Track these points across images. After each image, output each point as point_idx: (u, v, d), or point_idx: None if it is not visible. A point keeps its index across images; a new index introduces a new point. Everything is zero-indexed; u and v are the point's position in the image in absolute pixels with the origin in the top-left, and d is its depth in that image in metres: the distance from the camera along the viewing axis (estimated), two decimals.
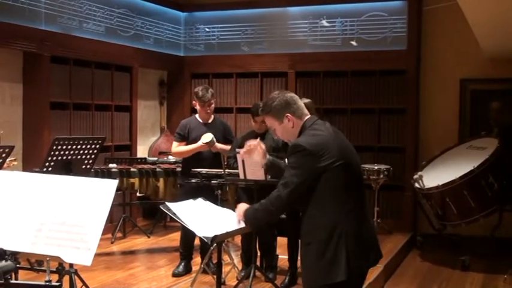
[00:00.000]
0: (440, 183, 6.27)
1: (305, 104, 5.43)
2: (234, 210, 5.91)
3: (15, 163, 5.15)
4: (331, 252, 2.85)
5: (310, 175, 2.87)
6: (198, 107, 5.63)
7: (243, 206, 3.17)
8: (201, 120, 5.68)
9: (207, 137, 5.44)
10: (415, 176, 6.60)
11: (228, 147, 5.59)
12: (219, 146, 5.53)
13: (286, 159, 3.10)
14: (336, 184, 2.88)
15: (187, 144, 5.62)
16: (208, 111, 5.62)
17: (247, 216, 3.10)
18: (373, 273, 5.55)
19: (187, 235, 5.46)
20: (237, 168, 5.16)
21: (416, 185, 6.57)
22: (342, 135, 3.08)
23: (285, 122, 3.04)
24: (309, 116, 3.09)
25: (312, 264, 2.93)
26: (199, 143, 5.47)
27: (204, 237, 3.28)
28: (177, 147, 5.67)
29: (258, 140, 3.43)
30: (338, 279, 2.84)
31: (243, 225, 3.20)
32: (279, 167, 3.36)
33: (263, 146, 3.40)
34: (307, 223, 2.95)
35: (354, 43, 7.97)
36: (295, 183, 2.88)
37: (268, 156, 3.40)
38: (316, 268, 2.90)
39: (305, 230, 2.97)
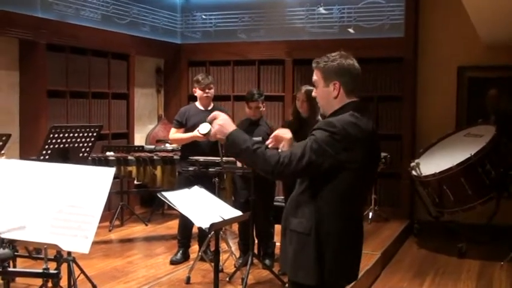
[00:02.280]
0: (438, 171, 6.28)
1: (308, 90, 5.47)
2: (231, 198, 5.94)
3: (4, 157, 5.13)
4: (310, 252, 2.61)
5: (326, 160, 2.53)
6: (198, 93, 5.64)
7: (230, 124, 2.71)
8: (201, 107, 5.67)
9: (205, 127, 5.40)
10: (412, 164, 6.61)
11: None
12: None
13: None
14: (345, 187, 2.59)
15: (185, 132, 5.62)
16: (209, 94, 5.62)
17: (232, 139, 2.65)
18: (370, 261, 5.58)
19: (186, 223, 5.46)
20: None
21: (414, 172, 6.57)
22: (376, 133, 2.74)
23: (330, 87, 2.69)
24: (357, 99, 2.71)
25: (293, 254, 2.68)
26: (196, 133, 5.46)
27: (201, 227, 3.29)
28: (175, 133, 5.67)
29: (287, 130, 2.95)
30: (305, 281, 2.64)
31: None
32: None
33: (288, 135, 2.88)
34: (303, 210, 2.65)
35: (351, 30, 7.94)
36: (311, 160, 2.51)
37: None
38: (294, 260, 2.67)
39: (298, 215, 2.67)
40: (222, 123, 2.73)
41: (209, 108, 5.68)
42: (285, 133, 2.90)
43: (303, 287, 2.69)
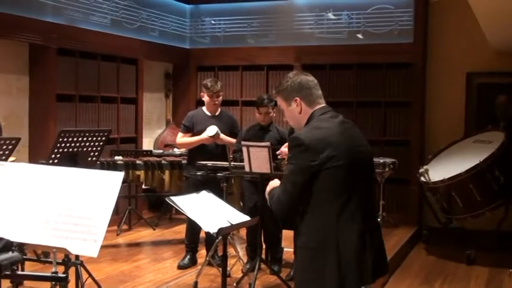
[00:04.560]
0: (446, 177, 6.25)
1: None
2: (239, 203, 5.95)
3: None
4: (320, 262, 2.65)
5: (307, 173, 2.64)
6: (206, 99, 5.62)
7: (274, 183, 2.91)
8: (208, 113, 5.66)
9: (212, 130, 5.44)
10: (421, 170, 6.59)
11: (234, 140, 5.58)
12: (225, 138, 5.52)
13: None
14: (333, 186, 2.64)
15: (192, 136, 5.61)
16: (216, 102, 5.61)
17: (270, 196, 2.85)
18: None
19: (193, 228, 5.46)
20: (242, 161, 5.16)
21: (422, 178, 6.55)
22: (352, 131, 2.82)
23: (292, 105, 2.83)
24: (322, 105, 2.84)
25: (301, 268, 2.77)
26: (204, 136, 5.47)
27: (209, 231, 3.29)
28: (182, 138, 5.67)
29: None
30: None
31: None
32: None
33: None
34: (301, 224, 2.72)
35: (360, 36, 7.94)
36: (293, 183, 2.67)
37: None
38: (305, 273, 2.74)
39: (299, 231, 2.75)
40: (269, 187, 2.91)
41: (216, 114, 5.68)
42: None
43: None
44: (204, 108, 5.73)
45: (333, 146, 2.65)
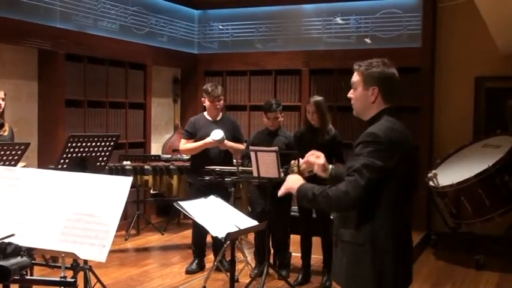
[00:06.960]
0: (455, 182, 6.23)
1: (317, 101, 5.44)
2: (247, 207, 5.94)
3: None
4: (366, 262, 2.64)
5: (381, 173, 2.57)
6: (207, 104, 5.62)
7: (297, 180, 2.81)
8: (209, 118, 5.66)
9: (218, 134, 5.41)
10: (430, 174, 6.56)
11: (238, 145, 5.56)
12: (229, 143, 5.51)
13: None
14: (398, 190, 2.64)
15: (195, 142, 5.60)
16: (218, 106, 5.60)
17: (301, 194, 2.75)
18: None
19: (199, 232, 5.46)
20: (251, 167, 5.15)
21: (431, 183, 6.53)
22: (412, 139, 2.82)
23: (368, 91, 2.75)
24: (392, 106, 2.78)
25: (347, 264, 2.72)
26: (209, 140, 5.45)
27: (217, 236, 3.29)
28: (185, 144, 5.66)
29: (319, 155, 2.97)
30: None
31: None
32: (342, 177, 2.75)
33: (321, 161, 2.94)
34: (358, 220, 2.66)
35: (368, 40, 7.93)
36: (368, 179, 2.56)
37: (330, 167, 2.97)
38: (349, 270, 2.71)
39: (353, 226, 2.69)
40: (289, 184, 2.83)
41: (218, 118, 5.67)
42: (318, 158, 2.96)
43: None
44: (205, 113, 5.71)
45: (404, 152, 2.66)
